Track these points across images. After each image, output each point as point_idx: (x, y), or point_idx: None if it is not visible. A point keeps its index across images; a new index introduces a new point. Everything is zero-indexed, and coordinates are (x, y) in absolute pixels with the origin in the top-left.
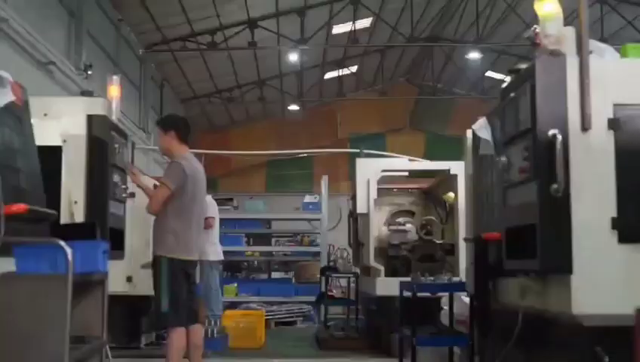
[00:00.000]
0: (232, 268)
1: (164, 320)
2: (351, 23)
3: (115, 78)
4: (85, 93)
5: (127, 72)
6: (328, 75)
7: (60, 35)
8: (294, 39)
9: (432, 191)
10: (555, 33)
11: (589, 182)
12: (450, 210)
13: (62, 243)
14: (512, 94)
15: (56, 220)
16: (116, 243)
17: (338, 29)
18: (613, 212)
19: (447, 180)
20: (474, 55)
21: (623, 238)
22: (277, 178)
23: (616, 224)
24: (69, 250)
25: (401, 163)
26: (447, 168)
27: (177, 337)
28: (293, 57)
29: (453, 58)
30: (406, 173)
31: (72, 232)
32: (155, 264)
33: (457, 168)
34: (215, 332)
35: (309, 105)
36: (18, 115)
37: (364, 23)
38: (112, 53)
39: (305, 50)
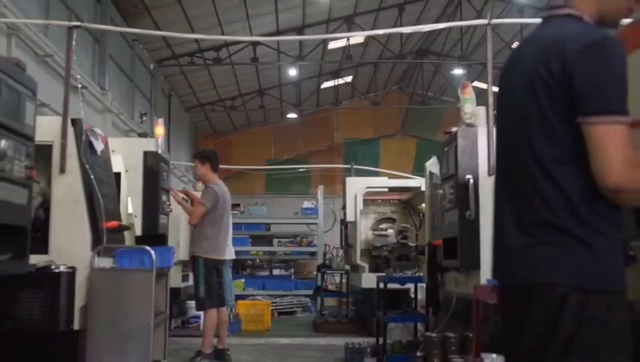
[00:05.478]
0: (238, 265)
1: (201, 303)
2: (345, 39)
3: (161, 120)
4: (142, 135)
5: (139, 85)
6: (325, 85)
7: (87, 59)
8: (293, 55)
9: (409, 202)
10: (470, 111)
11: (492, 209)
12: (424, 218)
13: (148, 248)
14: (446, 148)
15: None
16: None
17: (334, 44)
18: None
19: (419, 194)
20: (459, 70)
21: None
22: (276, 180)
23: None
24: (153, 253)
25: (383, 180)
26: (419, 185)
27: (211, 316)
28: (292, 72)
29: (441, 70)
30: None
31: (147, 240)
32: (194, 262)
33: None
34: (231, 317)
35: (307, 112)
36: (105, 156)
37: (357, 39)
38: (127, 70)
39: (303, 64)
